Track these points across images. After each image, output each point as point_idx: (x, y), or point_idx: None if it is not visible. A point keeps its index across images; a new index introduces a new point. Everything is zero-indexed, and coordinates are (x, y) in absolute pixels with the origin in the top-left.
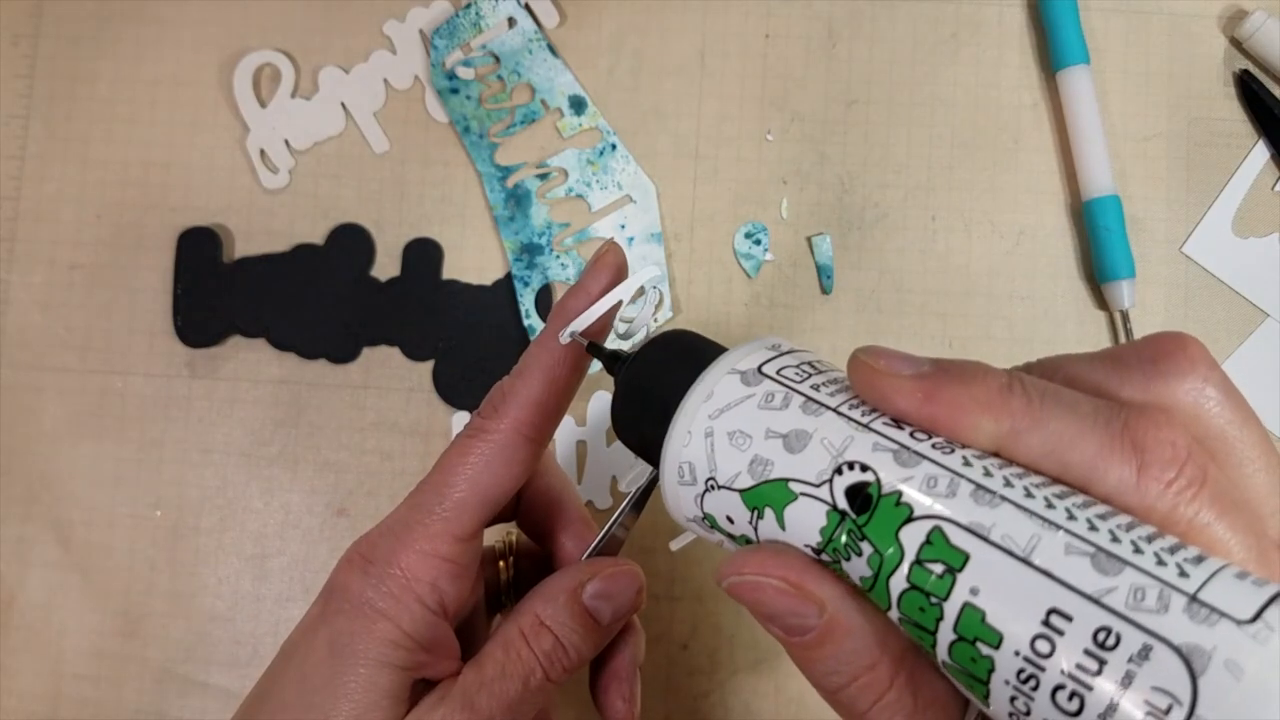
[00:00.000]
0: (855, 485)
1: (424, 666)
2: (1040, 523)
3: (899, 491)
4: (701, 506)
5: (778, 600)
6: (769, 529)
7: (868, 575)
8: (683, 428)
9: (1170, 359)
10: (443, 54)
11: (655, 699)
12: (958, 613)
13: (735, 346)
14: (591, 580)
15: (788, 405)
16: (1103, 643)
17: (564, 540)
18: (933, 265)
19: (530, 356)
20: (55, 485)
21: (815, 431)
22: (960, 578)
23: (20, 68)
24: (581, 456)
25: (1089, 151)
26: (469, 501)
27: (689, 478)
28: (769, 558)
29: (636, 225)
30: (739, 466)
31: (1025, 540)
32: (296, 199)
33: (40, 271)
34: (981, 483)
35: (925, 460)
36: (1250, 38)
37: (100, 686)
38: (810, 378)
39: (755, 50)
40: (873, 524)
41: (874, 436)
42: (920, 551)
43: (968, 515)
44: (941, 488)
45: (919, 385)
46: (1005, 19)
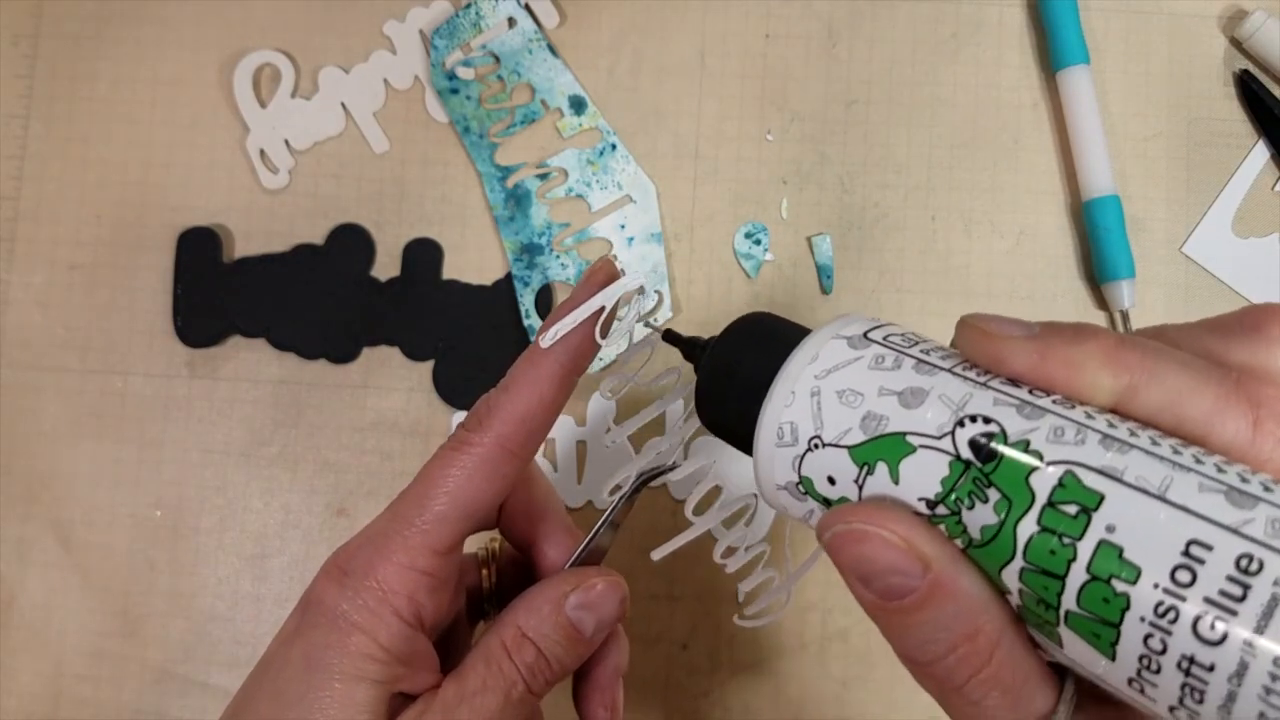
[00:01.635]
0: (982, 435)
1: (401, 680)
2: (1171, 465)
3: (1026, 439)
4: (799, 469)
5: (883, 553)
6: (879, 484)
7: (992, 523)
8: (785, 389)
9: (1273, 327)
10: (443, 54)
11: (655, 699)
12: (1093, 551)
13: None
14: (574, 591)
15: (900, 366)
16: (1245, 568)
17: (546, 549)
18: (933, 265)
19: (517, 371)
20: (55, 485)
21: (932, 389)
22: (1096, 516)
23: (20, 68)
24: (581, 456)
25: (1089, 151)
26: (449, 515)
27: (789, 438)
28: (879, 508)
29: (636, 225)
30: (850, 423)
31: (1159, 480)
32: (296, 199)
33: (40, 271)
34: (1108, 432)
35: (1049, 413)
36: (1250, 38)
37: (100, 686)
38: (917, 344)
39: (755, 50)
40: (1000, 471)
41: (993, 393)
42: (1053, 494)
43: (1099, 459)
44: (1069, 436)
45: (1034, 345)
46: (1005, 19)
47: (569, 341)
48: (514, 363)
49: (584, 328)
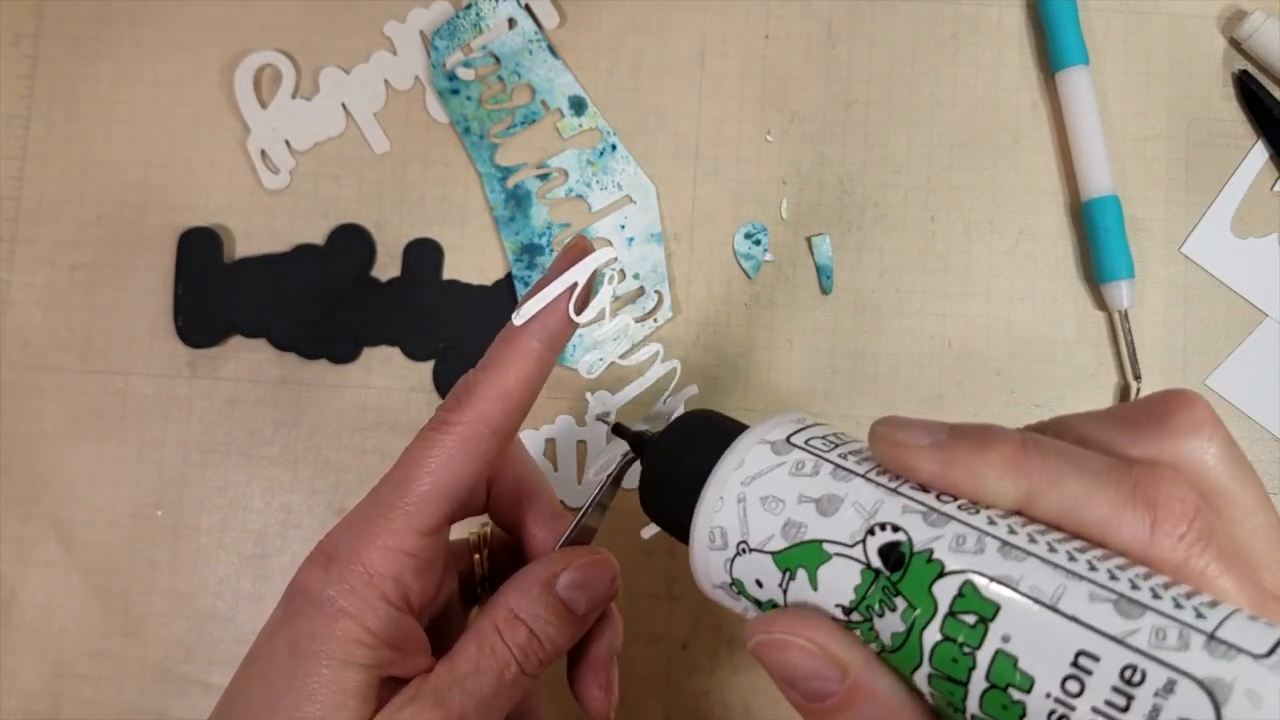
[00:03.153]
0: (889, 544)
1: (391, 664)
2: (1064, 573)
3: (930, 549)
4: (731, 572)
5: (803, 660)
6: (800, 590)
7: (900, 630)
8: (714, 494)
9: (1177, 417)
10: (443, 55)
11: (655, 699)
12: (990, 660)
13: (759, 422)
14: (565, 570)
15: (818, 472)
16: (1129, 679)
17: (536, 531)
18: (932, 265)
19: (495, 350)
20: (56, 485)
21: (847, 496)
22: (993, 626)
23: (21, 68)
24: (581, 456)
25: (1088, 152)
26: (432, 495)
27: (720, 542)
28: (797, 618)
29: (636, 225)
30: (772, 529)
31: (1052, 589)
32: (297, 199)
33: (41, 271)
34: (1007, 539)
35: (953, 520)
36: (1249, 38)
37: (100, 686)
38: (837, 447)
39: (755, 50)
40: (906, 580)
41: (902, 500)
42: (953, 604)
43: (996, 569)
44: (970, 545)
45: (938, 454)
46: (1005, 19)
47: (544, 319)
48: (492, 342)
49: (558, 304)
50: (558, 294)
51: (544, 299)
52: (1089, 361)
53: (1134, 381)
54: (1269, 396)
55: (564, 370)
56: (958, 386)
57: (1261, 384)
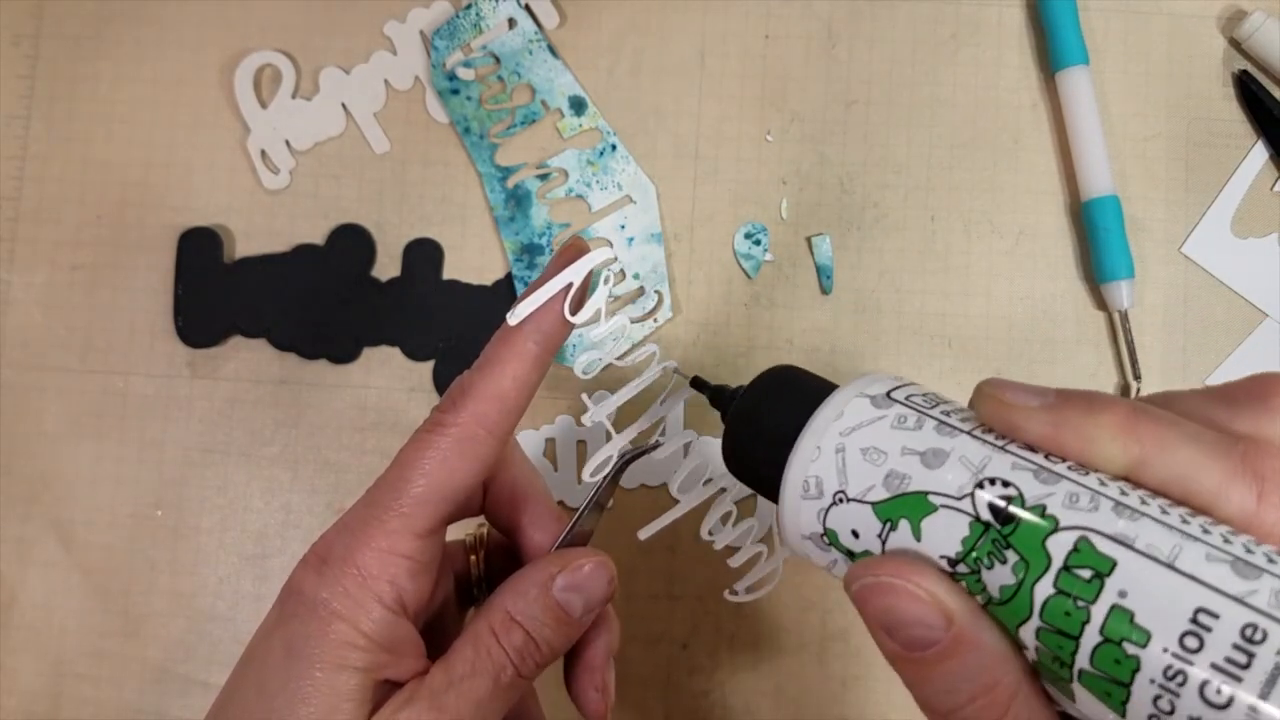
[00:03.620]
0: (1000, 498)
1: (385, 667)
2: (1180, 534)
3: (1043, 505)
4: (824, 521)
5: (909, 606)
6: (901, 540)
7: (1010, 583)
8: (811, 443)
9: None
10: (443, 55)
11: (655, 699)
12: (1105, 614)
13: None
14: (561, 573)
15: (921, 426)
16: (1250, 637)
17: (532, 533)
18: (932, 265)
19: (490, 350)
20: (56, 485)
21: (953, 450)
22: (1109, 581)
23: (21, 68)
24: (581, 456)
25: (1088, 152)
26: (427, 497)
27: (814, 491)
28: (906, 563)
29: (636, 225)
30: (873, 480)
31: (1168, 548)
32: (297, 199)
33: (41, 271)
34: (1120, 500)
35: (1064, 479)
36: (1249, 38)
37: (101, 686)
38: (938, 405)
39: (755, 50)
40: (1019, 534)
41: (1011, 457)
42: (1068, 558)
43: (1112, 526)
44: (1084, 503)
45: (1048, 416)
46: (1005, 19)
47: (539, 319)
48: (487, 343)
49: (553, 304)
50: (553, 294)
51: (539, 299)
52: (1089, 361)
53: (1134, 381)
54: None
55: (563, 370)
56: (958, 386)
57: None
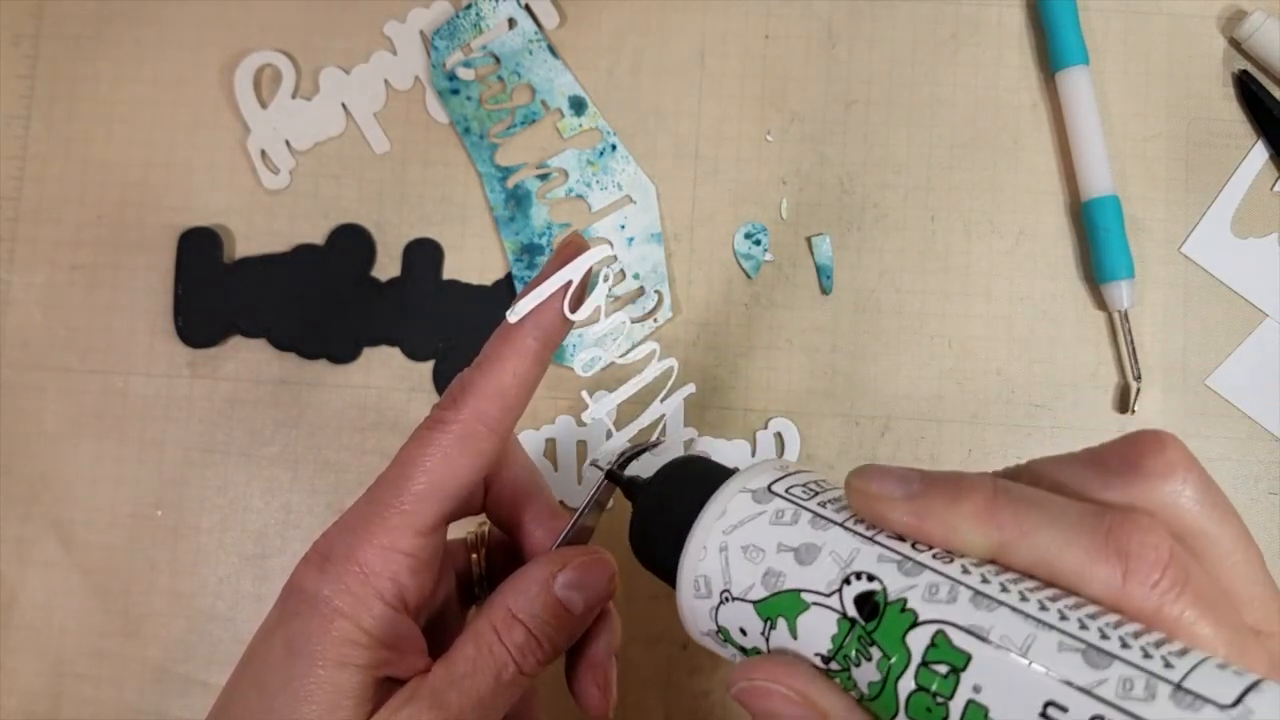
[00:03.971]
0: (864, 594)
1: (387, 664)
2: (1034, 623)
3: (904, 599)
4: (716, 619)
5: (785, 708)
6: (781, 638)
7: (876, 680)
8: (698, 543)
9: (1150, 461)
10: (443, 55)
11: (655, 699)
12: (962, 710)
13: (743, 468)
14: (562, 570)
15: (797, 520)
16: None
17: (533, 531)
18: (932, 265)
19: (490, 348)
20: (56, 485)
21: (824, 545)
22: (964, 676)
23: (21, 68)
24: (581, 456)
25: (1088, 152)
26: (428, 495)
27: (704, 591)
28: (779, 665)
29: (636, 225)
30: (753, 578)
31: (1021, 639)
32: (297, 199)
33: (41, 271)
34: (979, 589)
35: (926, 569)
36: (1249, 38)
37: (101, 686)
38: (816, 495)
39: (755, 50)
40: (881, 629)
41: (878, 549)
42: (926, 654)
43: (968, 619)
44: (943, 594)
45: (911, 505)
46: (1005, 19)
47: (539, 317)
48: (488, 340)
49: (553, 302)
50: (552, 291)
51: (539, 296)
52: (1089, 361)
53: (1134, 381)
54: (1269, 396)
55: (564, 369)
56: (958, 386)
57: (1261, 384)
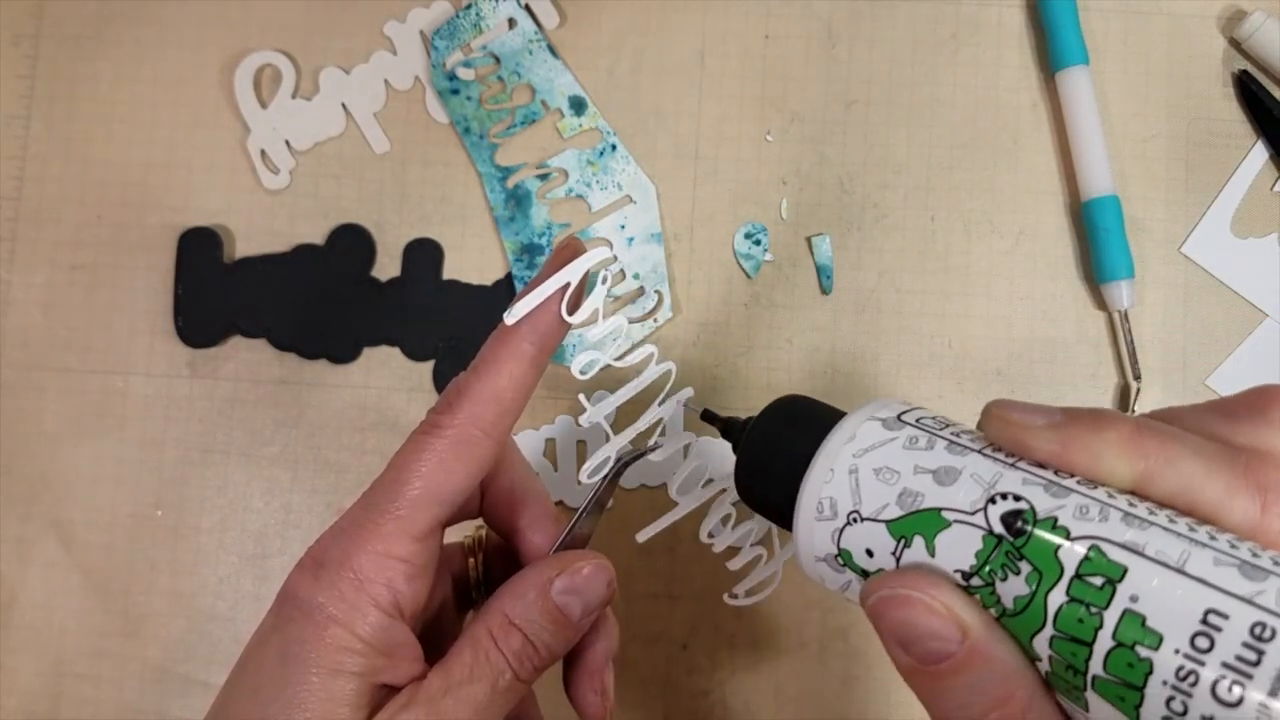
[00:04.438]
0: (1011, 512)
1: (382, 671)
2: (1187, 541)
3: (1054, 517)
4: (838, 542)
5: (925, 618)
6: (915, 556)
7: (1024, 594)
8: (824, 465)
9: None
10: (443, 55)
11: (655, 699)
12: (1118, 619)
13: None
14: (560, 576)
15: (933, 447)
16: (1259, 635)
17: (531, 535)
18: (932, 265)
19: (486, 351)
20: (56, 485)
21: (964, 468)
22: (1120, 587)
23: (21, 68)
24: (580, 456)
25: (1088, 152)
26: (423, 500)
27: (829, 513)
28: (921, 576)
29: (636, 225)
30: (887, 499)
31: (1177, 554)
32: (297, 199)
33: (41, 271)
34: (1129, 511)
35: (1074, 493)
36: (1249, 38)
37: (101, 686)
38: (948, 427)
39: (755, 50)
40: (1031, 545)
41: (1021, 473)
42: (1080, 566)
43: (1122, 535)
44: (1094, 514)
45: (1055, 435)
46: (1005, 19)
47: (536, 320)
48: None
49: (550, 305)
50: (549, 294)
51: (535, 299)
52: (1089, 361)
53: (1134, 381)
54: None
55: (562, 370)
56: (958, 386)
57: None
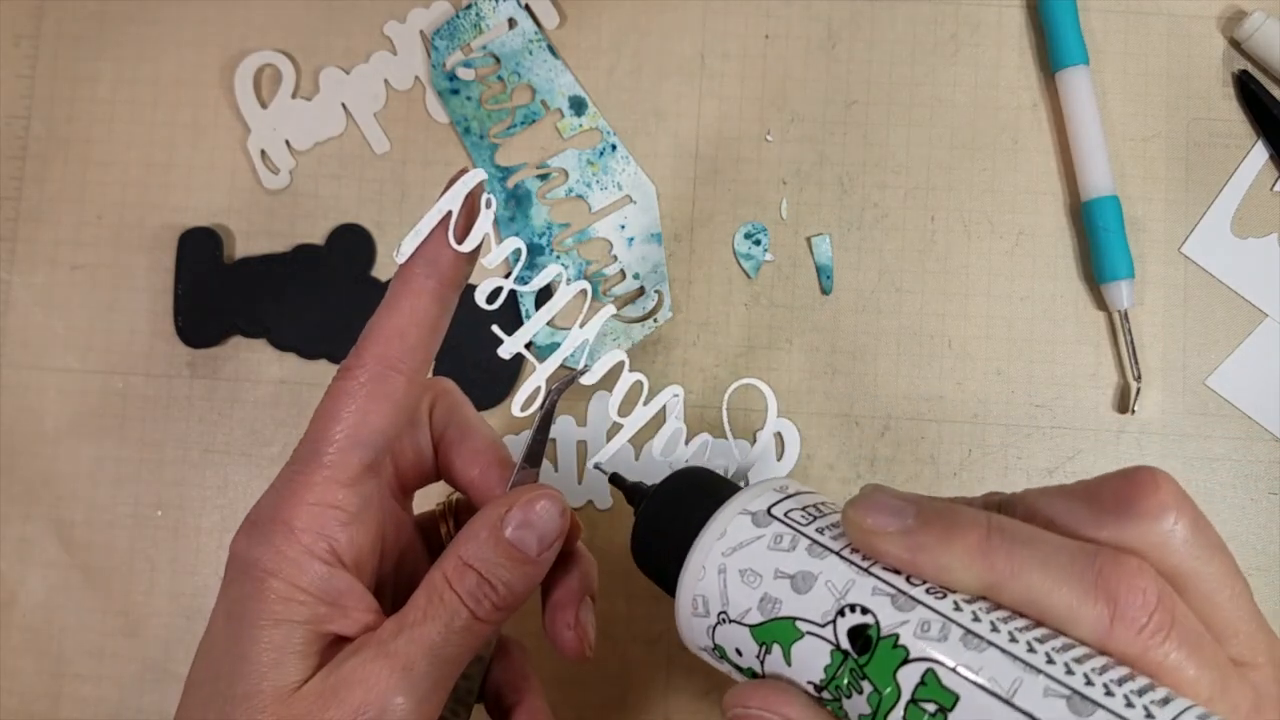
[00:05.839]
0: (857, 627)
1: (329, 620)
2: (1022, 666)
3: (896, 634)
4: (713, 638)
5: None
6: (775, 664)
7: (866, 713)
8: (697, 563)
9: (1142, 501)
10: (443, 55)
11: (655, 699)
12: None
13: (745, 487)
14: (510, 511)
15: (795, 547)
16: None
17: (485, 483)
18: (932, 265)
19: (389, 292)
20: (56, 485)
21: (820, 574)
22: (952, 716)
23: (21, 68)
24: (581, 456)
25: (1088, 152)
26: (347, 445)
27: (702, 610)
28: (773, 693)
29: (636, 225)
30: (750, 603)
31: (1009, 683)
32: (297, 199)
33: (41, 271)
34: (970, 628)
35: (920, 605)
36: (1249, 38)
37: (101, 686)
38: (815, 520)
39: (755, 50)
40: (873, 664)
41: (873, 580)
42: (915, 691)
43: (957, 659)
44: (934, 632)
45: (905, 542)
46: (1005, 19)
47: (428, 253)
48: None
49: (438, 237)
50: (434, 225)
51: (420, 232)
52: (1089, 361)
53: (1134, 381)
54: (1269, 396)
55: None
56: (958, 386)
57: (1261, 384)
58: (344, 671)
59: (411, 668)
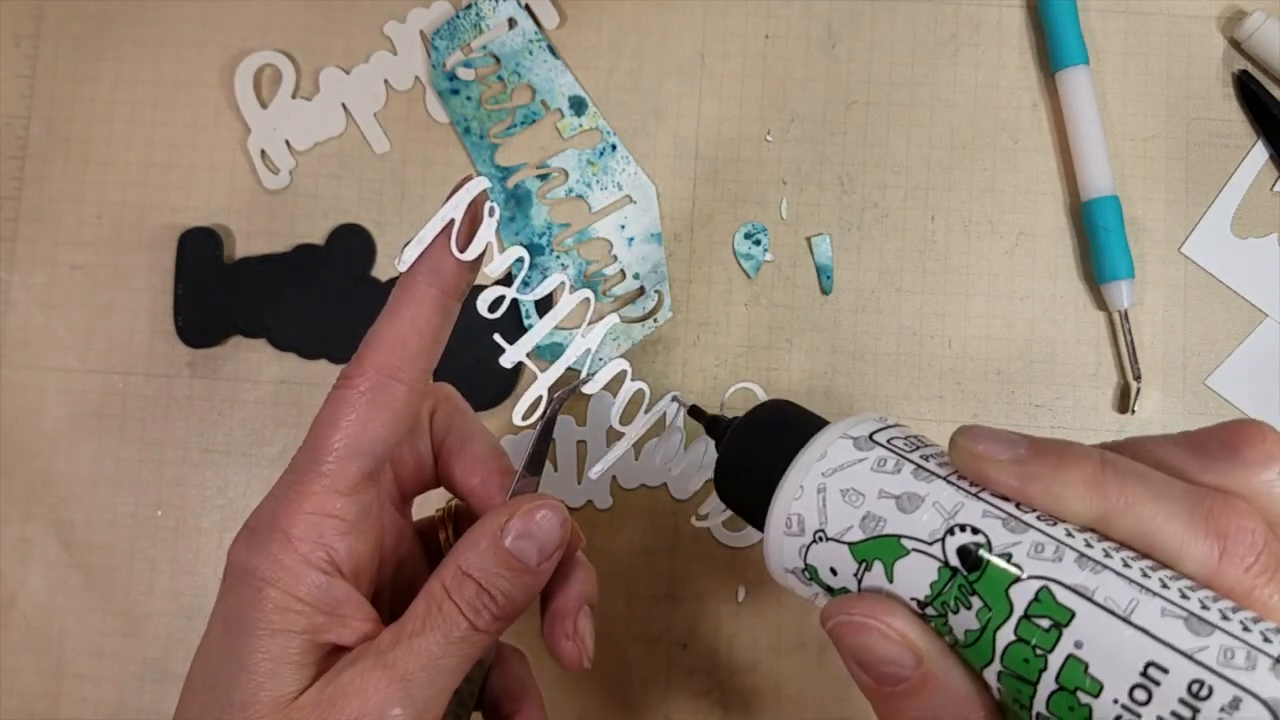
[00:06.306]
0: (968, 545)
1: (326, 630)
2: (1138, 588)
3: (1009, 553)
4: (805, 558)
5: (880, 644)
6: (875, 580)
7: (974, 628)
8: (794, 482)
9: (1249, 449)
10: (443, 55)
11: (655, 699)
12: (1061, 664)
13: (840, 418)
14: (510, 520)
15: (900, 470)
16: (1196, 693)
17: (484, 492)
18: (932, 266)
19: (389, 300)
20: (56, 485)
21: (928, 495)
22: (1066, 632)
23: (21, 68)
24: (581, 457)
25: (1088, 152)
26: (346, 454)
27: (796, 529)
28: (878, 603)
29: (636, 225)
30: (851, 521)
31: (1125, 602)
32: (297, 199)
33: (41, 271)
34: (1084, 552)
35: (1032, 529)
36: (1249, 38)
37: (101, 686)
38: (918, 449)
39: (755, 51)
40: (983, 581)
41: (983, 504)
42: (1029, 607)
43: (1073, 577)
44: (1048, 553)
45: (1018, 469)
46: (1005, 19)
47: (430, 261)
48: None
49: (440, 245)
50: (436, 233)
51: (423, 240)
52: (1089, 361)
53: (1134, 381)
54: (1269, 396)
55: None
56: (958, 386)
57: (1261, 384)
58: (341, 682)
59: (409, 679)
